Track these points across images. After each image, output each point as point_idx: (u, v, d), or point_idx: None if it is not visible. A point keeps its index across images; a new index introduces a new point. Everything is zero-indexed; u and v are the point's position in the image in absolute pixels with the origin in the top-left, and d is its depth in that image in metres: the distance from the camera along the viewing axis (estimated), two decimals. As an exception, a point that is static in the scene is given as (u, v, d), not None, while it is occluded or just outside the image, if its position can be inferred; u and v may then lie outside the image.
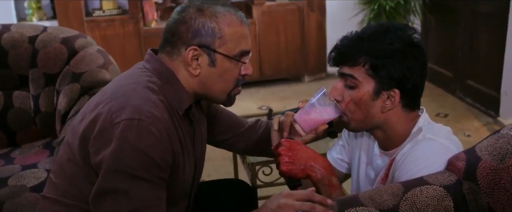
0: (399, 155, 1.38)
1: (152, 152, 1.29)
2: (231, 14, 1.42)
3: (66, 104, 2.27)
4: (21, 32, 2.51)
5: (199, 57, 1.40)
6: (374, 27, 1.41)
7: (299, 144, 1.48)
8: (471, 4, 4.19)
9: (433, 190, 1.25)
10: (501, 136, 1.28)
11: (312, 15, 4.99)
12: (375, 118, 1.41)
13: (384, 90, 1.37)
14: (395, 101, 1.38)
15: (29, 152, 2.35)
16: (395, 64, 1.34)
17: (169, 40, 1.43)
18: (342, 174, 1.68)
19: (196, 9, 1.40)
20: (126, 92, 1.36)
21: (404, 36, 1.37)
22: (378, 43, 1.35)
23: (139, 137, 1.28)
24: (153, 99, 1.34)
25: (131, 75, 1.45)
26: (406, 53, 1.35)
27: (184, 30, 1.39)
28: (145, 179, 1.29)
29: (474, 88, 4.27)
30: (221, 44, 1.39)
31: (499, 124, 3.82)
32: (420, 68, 1.38)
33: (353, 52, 1.38)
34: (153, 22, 4.77)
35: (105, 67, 2.36)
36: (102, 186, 1.30)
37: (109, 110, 1.31)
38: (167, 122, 1.35)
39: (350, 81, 1.39)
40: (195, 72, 1.41)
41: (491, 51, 4.02)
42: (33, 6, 4.62)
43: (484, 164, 1.24)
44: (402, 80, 1.36)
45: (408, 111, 1.42)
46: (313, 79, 5.18)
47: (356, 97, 1.39)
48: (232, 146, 1.81)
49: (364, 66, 1.36)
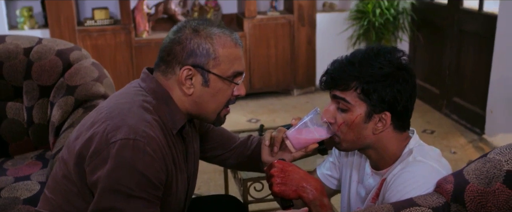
0: (390, 175, 1.42)
1: (147, 172, 1.32)
2: (226, 35, 1.45)
3: (60, 116, 2.29)
4: (16, 43, 2.52)
5: (193, 77, 1.43)
6: (364, 51, 1.44)
7: (292, 165, 1.51)
8: (459, 23, 4.27)
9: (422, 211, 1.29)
10: (487, 161, 1.32)
11: (302, 29, 5.04)
12: (366, 139, 1.45)
13: (375, 113, 1.41)
14: (386, 123, 1.42)
15: (22, 163, 2.36)
16: (386, 88, 1.38)
17: (164, 59, 1.45)
18: (331, 191, 1.72)
19: (192, 29, 1.43)
20: (121, 111, 1.38)
21: (394, 59, 1.41)
22: (368, 68, 1.39)
23: (135, 156, 1.30)
24: (148, 119, 1.37)
25: (126, 93, 1.47)
26: (396, 76, 1.39)
27: (179, 50, 1.42)
28: (141, 198, 1.32)
29: (460, 105, 4.33)
30: (215, 65, 1.43)
31: (484, 142, 3.89)
32: (410, 90, 1.42)
33: (345, 77, 1.41)
34: (144, 33, 4.79)
35: (100, 81, 2.38)
36: (99, 205, 1.32)
37: (105, 130, 1.34)
38: (162, 141, 1.38)
39: (342, 104, 1.43)
40: (188, 91, 1.44)
41: (478, 69, 4.09)
42: (25, 14, 4.62)
43: (472, 187, 1.28)
44: (393, 103, 1.40)
45: (399, 132, 1.46)
46: (302, 92, 5.22)
47: (348, 119, 1.42)
48: (224, 162, 1.84)
49: (356, 90, 1.40)
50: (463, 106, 4.29)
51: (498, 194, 1.22)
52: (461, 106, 4.33)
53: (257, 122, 4.36)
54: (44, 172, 2.24)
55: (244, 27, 4.90)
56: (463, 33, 4.24)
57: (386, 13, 4.79)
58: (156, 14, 4.96)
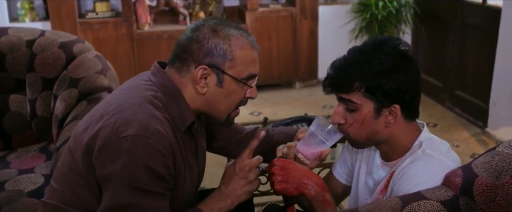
0: (399, 168, 1.42)
1: (159, 169, 1.33)
2: (243, 37, 1.44)
3: (64, 109, 2.28)
4: (19, 35, 2.51)
5: (208, 77, 1.43)
6: (360, 50, 1.42)
7: (292, 162, 1.52)
8: (462, 16, 4.25)
9: (430, 205, 1.28)
10: (497, 154, 1.31)
11: (305, 22, 5.03)
12: (379, 134, 1.45)
13: (384, 107, 1.40)
14: (397, 115, 1.41)
15: (26, 156, 2.35)
16: (389, 82, 1.37)
17: (180, 57, 1.45)
18: (347, 187, 1.72)
19: (210, 29, 1.43)
20: (132, 105, 1.38)
21: (392, 51, 1.39)
22: (368, 66, 1.38)
23: (147, 154, 1.31)
24: (158, 115, 1.37)
25: (136, 87, 1.47)
26: (398, 68, 1.38)
27: (196, 48, 1.42)
28: (157, 193, 1.34)
29: (463, 98, 4.33)
30: (231, 66, 1.42)
31: (487, 135, 3.89)
32: (414, 79, 1.41)
33: (346, 79, 1.40)
34: (146, 26, 4.77)
35: (103, 73, 2.37)
36: (116, 201, 1.33)
37: (115, 123, 1.33)
38: (171, 138, 1.38)
39: (350, 105, 1.42)
40: (202, 90, 1.44)
41: (480, 62, 4.08)
42: (26, 6, 4.61)
43: (481, 180, 1.27)
44: (399, 95, 1.39)
45: (410, 121, 1.46)
46: (304, 85, 5.22)
47: (358, 118, 1.42)
48: (229, 153, 1.84)
49: (360, 90, 1.39)
50: (466, 99, 4.29)
51: (507, 188, 1.21)
52: (464, 99, 4.32)
53: (259, 115, 4.36)
54: (48, 164, 2.24)
55: (246, 20, 4.88)
56: (466, 26, 4.22)
57: (389, 6, 4.77)
58: (157, 7, 4.95)
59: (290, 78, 5.19)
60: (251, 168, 1.51)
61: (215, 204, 1.50)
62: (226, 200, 1.51)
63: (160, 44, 4.74)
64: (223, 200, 1.51)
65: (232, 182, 1.51)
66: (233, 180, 1.51)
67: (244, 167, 1.51)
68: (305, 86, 5.21)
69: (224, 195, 1.51)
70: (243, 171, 1.50)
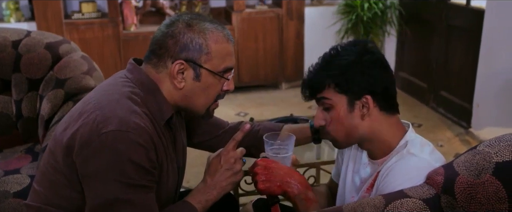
0: (385, 168, 1.44)
1: (144, 162, 1.34)
2: (218, 31, 1.46)
3: (50, 110, 2.27)
4: (4, 36, 2.49)
5: (184, 71, 1.44)
6: (328, 52, 1.50)
7: (275, 162, 1.54)
8: (447, 18, 4.30)
9: (412, 203, 1.30)
10: (477, 153, 1.33)
11: (291, 23, 5.05)
12: (358, 129, 1.47)
13: (356, 100, 1.45)
14: (370, 106, 1.45)
15: (12, 157, 2.34)
16: (356, 75, 1.43)
17: (156, 52, 1.46)
18: None
19: (185, 24, 1.44)
20: (110, 102, 1.38)
21: (354, 48, 1.47)
22: (334, 63, 1.45)
23: (130, 149, 1.31)
24: (137, 110, 1.38)
25: (113, 84, 1.47)
26: (361, 61, 1.44)
27: (172, 44, 1.43)
28: (143, 186, 1.35)
29: (447, 99, 4.37)
30: (207, 60, 1.44)
31: (471, 135, 3.93)
32: (381, 70, 1.46)
33: (317, 79, 1.47)
34: (132, 26, 4.77)
35: (90, 74, 2.37)
36: (103, 197, 1.33)
37: (95, 120, 1.33)
38: (152, 132, 1.39)
39: (326, 103, 1.48)
40: (179, 85, 1.45)
41: (465, 63, 4.13)
42: (11, 7, 4.58)
43: (462, 179, 1.29)
44: (369, 86, 1.44)
45: (388, 114, 1.49)
46: (290, 86, 5.24)
47: (335, 116, 1.47)
48: (212, 147, 1.84)
49: (330, 86, 1.45)
50: (450, 100, 4.33)
51: (488, 186, 1.24)
52: (448, 100, 4.37)
53: (245, 116, 4.37)
54: (34, 165, 2.23)
55: (232, 21, 4.90)
56: (450, 28, 4.27)
57: (375, 7, 4.81)
58: (144, 7, 4.94)
59: (276, 79, 5.21)
60: (236, 160, 1.54)
61: (202, 196, 1.52)
62: (212, 192, 1.53)
63: (146, 45, 4.65)
64: (209, 192, 1.52)
65: (218, 173, 1.53)
66: (218, 172, 1.53)
67: (229, 158, 1.53)
68: (291, 87, 5.23)
69: (210, 186, 1.53)
70: (228, 163, 1.53)
